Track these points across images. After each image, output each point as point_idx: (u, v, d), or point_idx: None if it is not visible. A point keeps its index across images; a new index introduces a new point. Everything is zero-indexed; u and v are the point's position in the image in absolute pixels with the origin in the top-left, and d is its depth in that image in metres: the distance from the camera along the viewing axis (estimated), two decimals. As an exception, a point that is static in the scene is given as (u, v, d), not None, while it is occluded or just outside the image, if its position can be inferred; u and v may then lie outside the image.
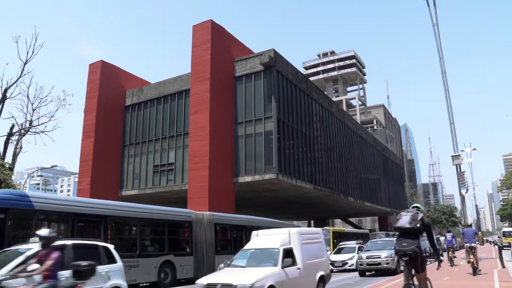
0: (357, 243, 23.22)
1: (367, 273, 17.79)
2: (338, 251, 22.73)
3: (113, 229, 13.62)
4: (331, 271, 21.21)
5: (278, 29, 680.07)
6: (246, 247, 10.49)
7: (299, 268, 9.68)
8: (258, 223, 20.70)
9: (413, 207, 6.68)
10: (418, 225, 6.15)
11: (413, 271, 6.36)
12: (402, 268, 9.32)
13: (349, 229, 47.68)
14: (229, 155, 27.93)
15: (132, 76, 37.28)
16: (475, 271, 13.70)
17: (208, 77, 27.34)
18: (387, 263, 16.88)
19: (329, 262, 21.20)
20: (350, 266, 20.44)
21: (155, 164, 32.03)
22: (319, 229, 13.44)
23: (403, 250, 6.14)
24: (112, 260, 8.76)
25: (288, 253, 9.61)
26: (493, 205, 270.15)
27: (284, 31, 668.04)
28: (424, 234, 6.43)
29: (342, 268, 20.70)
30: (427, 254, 18.76)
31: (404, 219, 6.29)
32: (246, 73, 28.93)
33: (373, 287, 12.53)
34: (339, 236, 32.96)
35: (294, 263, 9.61)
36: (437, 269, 8.29)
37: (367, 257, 17.38)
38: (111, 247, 9.01)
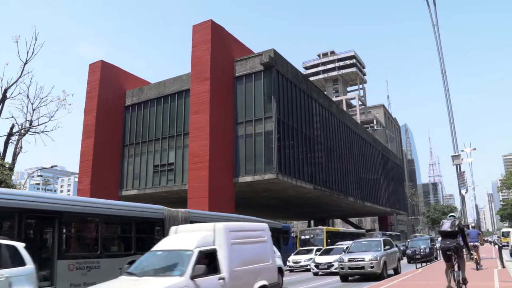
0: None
1: (350, 278, 16.00)
2: (326, 252, 21.42)
3: (69, 226, 12.29)
4: (316, 274, 19.51)
5: (278, 29, 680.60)
6: (155, 247, 8.02)
7: (223, 278, 7.21)
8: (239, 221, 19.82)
9: (450, 216, 9.47)
10: (456, 229, 8.61)
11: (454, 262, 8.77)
12: (440, 259, 17.98)
13: (344, 228, 47.22)
14: (229, 155, 27.94)
15: (132, 76, 37.29)
16: (478, 266, 15.20)
17: (208, 77, 27.35)
18: (372, 267, 14.92)
19: (314, 264, 20.14)
20: (336, 268, 17.87)
21: (155, 164, 32.04)
22: (263, 225, 9.84)
23: (448, 246, 8.58)
24: (19, 263, 7.31)
25: (207, 257, 7.23)
26: (493, 205, 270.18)
27: (284, 31, 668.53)
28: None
29: (328, 271, 19.32)
30: (421, 254, 19.42)
31: (446, 225, 8.73)
32: (246, 73, 28.94)
33: None
34: (334, 236, 32.36)
35: (215, 270, 7.20)
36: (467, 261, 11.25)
37: (349, 260, 15.32)
38: (19, 246, 7.52)
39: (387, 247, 16.56)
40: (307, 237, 32.04)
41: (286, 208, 42.10)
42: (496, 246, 30.65)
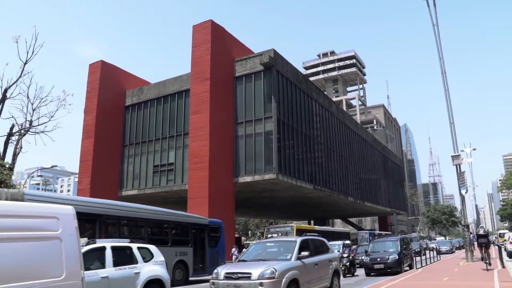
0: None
1: None
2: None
3: None
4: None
5: (278, 29, 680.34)
6: None
7: None
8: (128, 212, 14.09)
9: (481, 226, 19.37)
10: (486, 233, 16.96)
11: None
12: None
13: (323, 227, 40.09)
14: (229, 155, 27.93)
15: (132, 76, 37.28)
16: (487, 263, 16.62)
17: (208, 77, 27.34)
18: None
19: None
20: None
21: (155, 164, 32.04)
22: (57, 209, 5.17)
23: (484, 242, 16.09)
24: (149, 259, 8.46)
25: None
26: (493, 205, 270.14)
27: (284, 31, 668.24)
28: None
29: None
30: (385, 264, 16.90)
31: (481, 231, 17.17)
32: (246, 73, 28.94)
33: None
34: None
35: None
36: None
37: (226, 277, 8.75)
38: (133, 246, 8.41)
39: (305, 253, 9.56)
40: (274, 236, 24.77)
41: (286, 208, 42.09)
42: (496, 247, 31.09)
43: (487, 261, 15.87)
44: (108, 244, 8.46)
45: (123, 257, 8.52)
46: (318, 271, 10.05)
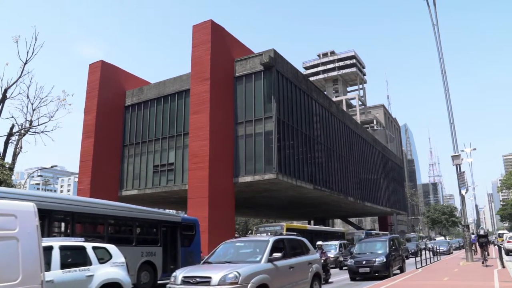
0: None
1: None
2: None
3: None
4: None
5: (278, 29, 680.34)
6: None
7: None
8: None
9: (481, 228, 22.17)
10: (485, 233, 20.16)
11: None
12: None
13: (317, 226, 39.44)
14: (229, 155, 27.93)
15: (132, 76, 37.28)
16: (485, 260, 18.88)
17: (208, 77, 27.34)
18: None
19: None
20: None
21: (155, 164, 32.03)
22: (12, 205, 4.86)
23: (484, 241, 18.81)
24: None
25: None
26: (493, 205, 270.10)
27: (284, 31, 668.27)
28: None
29: None
30: (371, 267, 15.35)
31: (482, 231, 20.09)
32: (246, 73, 28.93)
33: None
34: (300, 235, 25.32)
35: None
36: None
37: (184, 281, 7.76)
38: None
39: (277, 254, 8.49)
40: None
41: (286, 208, 42.09)
42: (496, 247, 31.23)
43: (486, 258, 18.72)
44: (56, 243, 7.55)
45: (74, 258, 7.70)
46: (294, 275, 9.04)
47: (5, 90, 27.37)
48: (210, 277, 7.42)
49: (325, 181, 34.19)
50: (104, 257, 8.23)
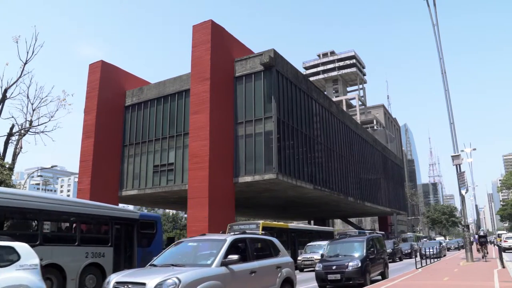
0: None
1: None
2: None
3: None
4: None
5: (278, 29, 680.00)
6: None
7: None
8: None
9: (482, 229, 32.30)
10: (485, 234, 24.13)
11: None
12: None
13: (301, 225, 36.55)
14: (229, 155, 27.93)
15: (132, 76, 37.28)
16: (484, 256, 22.25)
17: (208, 77, 27.34)
18: None
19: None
20: None
21: (155, 164, 32.03)
22: None
23: (484, 240, 22.65)
24: None
25: None
26: (493, 205, 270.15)
27: (284, 31, 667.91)
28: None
29: None
30: (342, 273, 12.86)
31: (481, 232, 24.32)
32: (246, 73, 28.93)
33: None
34: (278, 235, 21.34)
35: None
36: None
37: (116, 287, 6.67)
38: None
39: (233, 257, 7.21)
40: None
41: (286, 208, 42.09)
42: (496, 247, 31.45)
43: (485, 254, 22.44)
44: None
45: None
46: (257, 281, 7.79)
47: (5, 90, 27.42)
48: (144, 284, 6.24)
49: (325, 181, 34.19)
50: (9, 259, 6.79)
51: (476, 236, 27.99)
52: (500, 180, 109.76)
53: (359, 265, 13.00)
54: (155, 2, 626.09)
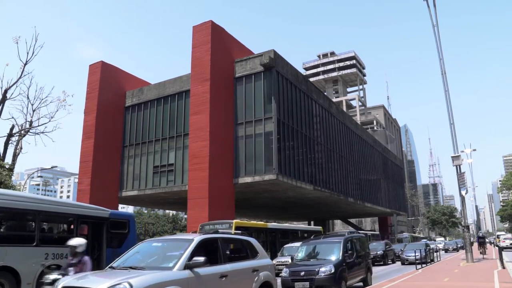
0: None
1: None
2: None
3: None
4: None
5: (278, 30, 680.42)
6: None
7: None
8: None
9: (480, 231, 43.30)
10: (484, 235, 33.41)
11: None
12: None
13: (282, 224, 34.56)
14: (229, 156, 27.93)
15: (132, 76, 37.29)
16: (482, 253, 26.04)
17: (208, 78, 27.34)
18: None
19: None
20: None
21: (155, 165, 32.02)
22: None
23: (482, 241, 29.25)
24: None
25: None
26: (493, 205, 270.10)
27: (284, 31, 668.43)
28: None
29: None
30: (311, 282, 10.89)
31: (480, 233, 35.60)
32: (246, 74, 28.94)
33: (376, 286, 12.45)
34: (255, 236, 19.70)
35: None
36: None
37: None
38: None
39: (199, 258, 6.42)
40: None
41: (286, 209, 42.07)
42: (496, 247, 32.03)
43: (485, 253, 26.52)
44: None
45: None
46: (228, 287, 7.09)
47: (5, 91, 27.43)
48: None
49: (325, 182, 34.18)
50: None
51: (476, 237, 31.70)
52: (500, 180, 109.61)
53: (332, 270, 10.97)
54: (155, 3, 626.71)
